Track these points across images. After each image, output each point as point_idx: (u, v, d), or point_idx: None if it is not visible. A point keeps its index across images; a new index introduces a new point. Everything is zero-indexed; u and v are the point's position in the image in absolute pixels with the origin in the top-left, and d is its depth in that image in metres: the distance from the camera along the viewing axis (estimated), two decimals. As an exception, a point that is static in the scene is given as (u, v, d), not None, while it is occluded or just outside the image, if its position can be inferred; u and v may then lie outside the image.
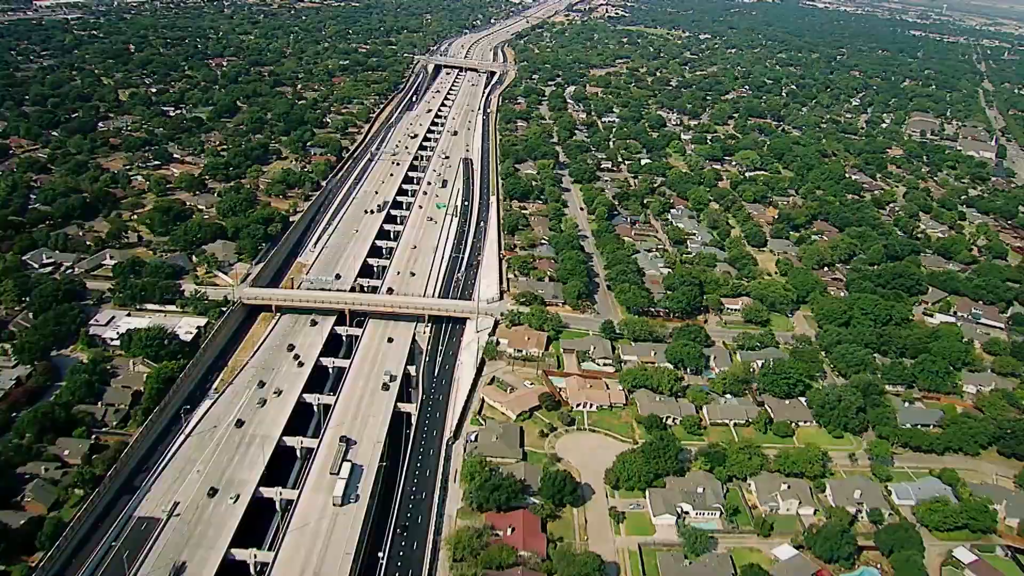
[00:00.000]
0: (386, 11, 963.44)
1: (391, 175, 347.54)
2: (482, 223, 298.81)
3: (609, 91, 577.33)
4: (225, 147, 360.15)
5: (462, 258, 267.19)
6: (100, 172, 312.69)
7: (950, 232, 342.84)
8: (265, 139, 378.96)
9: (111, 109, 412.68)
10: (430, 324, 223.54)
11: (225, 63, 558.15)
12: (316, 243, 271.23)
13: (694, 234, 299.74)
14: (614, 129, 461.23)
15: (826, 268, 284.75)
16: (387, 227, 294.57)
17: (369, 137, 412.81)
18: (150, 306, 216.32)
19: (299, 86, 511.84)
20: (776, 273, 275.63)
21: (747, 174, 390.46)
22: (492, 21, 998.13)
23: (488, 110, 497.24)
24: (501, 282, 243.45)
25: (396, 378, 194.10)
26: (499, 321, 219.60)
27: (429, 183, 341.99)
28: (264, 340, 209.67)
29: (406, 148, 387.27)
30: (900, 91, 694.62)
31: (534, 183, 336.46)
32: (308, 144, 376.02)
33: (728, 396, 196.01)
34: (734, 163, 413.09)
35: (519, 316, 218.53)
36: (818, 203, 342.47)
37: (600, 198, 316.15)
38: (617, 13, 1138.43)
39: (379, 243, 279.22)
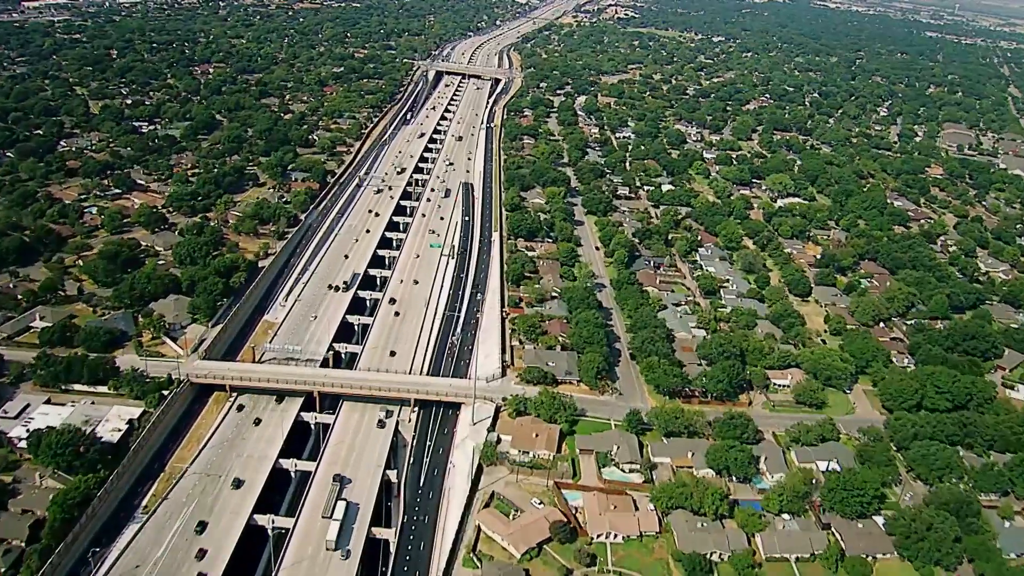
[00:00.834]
0: (387, 12, 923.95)
1: (370, 227, 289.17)
2: (483, 268, 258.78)
3: (623, 101, 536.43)
4: (196, 171, 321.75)
5: (458, 316, 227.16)
6: (49, 203, 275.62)
7: (1013, 272, 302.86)
8: (242, 161, 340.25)
9: (78, 124, 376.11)
10: (417, 409, 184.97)
11: (211, 70, 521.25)
12: (288, 295, 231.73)
13: (728, 281, 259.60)
14: (630, 147, 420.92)
15: (882, 324, 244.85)
16: (372, 272, 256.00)
17: (359, 158, 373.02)
18: (78, 387, 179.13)
19: (287, 97, 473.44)
20: (826, 332, 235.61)
21: (780, 201, 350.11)
22: (498, 23, 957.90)
23: (492, 123, 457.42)
24: (504, 351, 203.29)
25: (372, 496, 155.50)
26: (501, 408, 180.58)
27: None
28: (213, 433, 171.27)
29: (388, 189, 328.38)
30: (927, 99, 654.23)
31: (543, 217, 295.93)
32: (289, 168, 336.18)
33: (786, 516, 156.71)
34: (764, 188, 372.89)
35: (525, 403, 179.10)
36: (864, 240, 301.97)
37: (618, 237, 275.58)
38: (627, 14, 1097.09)
39: (362, 294, 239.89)
